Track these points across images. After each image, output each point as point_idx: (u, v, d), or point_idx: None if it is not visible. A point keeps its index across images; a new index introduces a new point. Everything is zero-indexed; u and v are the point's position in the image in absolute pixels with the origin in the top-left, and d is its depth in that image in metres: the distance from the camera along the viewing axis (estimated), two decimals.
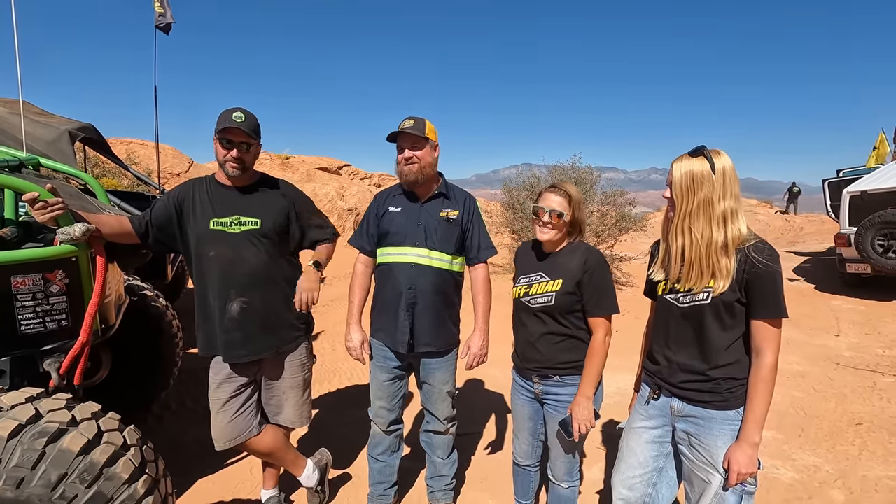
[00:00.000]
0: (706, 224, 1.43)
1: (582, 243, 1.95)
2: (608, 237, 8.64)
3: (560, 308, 1.85)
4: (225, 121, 1.96)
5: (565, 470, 1.98)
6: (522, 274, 1.98)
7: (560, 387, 1.91)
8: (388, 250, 2.21)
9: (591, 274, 1.82)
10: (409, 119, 2.12)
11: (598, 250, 1.96)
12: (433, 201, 2.20)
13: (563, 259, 1.90)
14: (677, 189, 1.46)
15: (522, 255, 2.07)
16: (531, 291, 1.91)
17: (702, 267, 1.44)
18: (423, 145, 2.11)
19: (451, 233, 2.17)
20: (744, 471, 1.39)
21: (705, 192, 1.42)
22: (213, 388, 2.13)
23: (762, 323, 1.41)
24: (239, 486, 2.70)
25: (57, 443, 1.41)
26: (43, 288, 1.78)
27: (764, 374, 1.40)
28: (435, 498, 2.46)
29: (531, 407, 2.04)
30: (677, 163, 1.48)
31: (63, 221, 1.75)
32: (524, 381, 2.03)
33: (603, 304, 1.83)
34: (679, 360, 1.55)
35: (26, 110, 3.85)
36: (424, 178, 2.14)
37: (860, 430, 3.38)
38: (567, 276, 1.84)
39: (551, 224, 1.84)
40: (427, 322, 2.15)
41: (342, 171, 15.80)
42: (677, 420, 1.57)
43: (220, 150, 2.00)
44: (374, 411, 2.35)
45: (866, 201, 7.35)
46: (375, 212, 2.26)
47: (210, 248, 2.03)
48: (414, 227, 2.16)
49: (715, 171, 1.41)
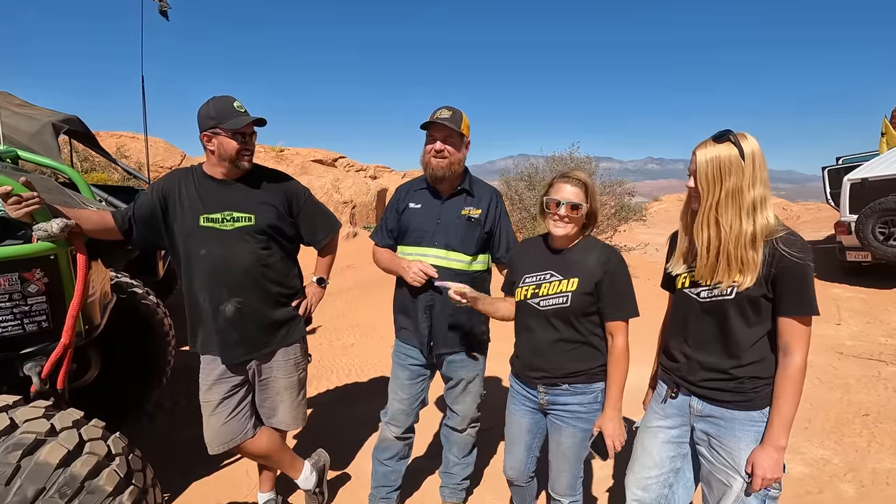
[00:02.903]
0: (735, 215, 1.33)
1: (596, 240, 1.81)
2: (607, 227, 8.58)
3: (576, 310, 1.69)
4: (232, 113, 1.86)
5: (567, 485, 1.84)
6: (527, 273, 1.79)
7: (569, 395, 1.75)
8: (406, 249, 2.13)
9: (612, 275, 1.67)
10: (445, 109, 2.00)
11: (616, 249, 1.83)
12: (455, 198, 2.11)
13: (578, 256, 1.73)
14: (702, 178, 1.36)
15: (524, 252, 1.89)
16: (541, 292, 1.73)
17: (729, 261, 1.34)
18: (457, 140, 2.01)
19: (472, 232, 2.07)
20: (769, 476, 1.32)
21: (734, 179, 1.31)
22: (204, 389, 2.04)
23: (791, 320, 1.32)
24: (235, 489, 2.62)
25: (33, 455, 1.31)
26: (20, 288, 1.68)
27: (792, 373, 1.31)
28: (443, 494, 2.42)
29: (531, 418, 1.87)
30: (701, 150, 1.37)
31: (40, 217, 1.65)
32: (527, 391, 1.85)
33: (624, 307, 1.69)
34: (699, 357, 1.46)
35: (7, 102, 3.71)
36: (452, 174, 2.04)
37: (867, 421, 3.33)
38: (584, 275, 1.68)
39: (568, 217, 1.67)
40: (446, 324, 2.08)
41: (337, 163, 15.63)
42: (696, 420, 1.49)
43: (231, 144, 1.88)
44: (389, 414, 2.24)
45: (867, 189, 7.30)
46: (396, 207, 2.18)
47: (200, 247, 1.92)
48: (433, 225, 2.07)
49: (744, 157, 1.31)
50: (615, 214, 8.65)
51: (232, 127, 1.85)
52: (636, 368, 1.79)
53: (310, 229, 2.18)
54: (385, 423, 2.27)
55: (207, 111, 1.88)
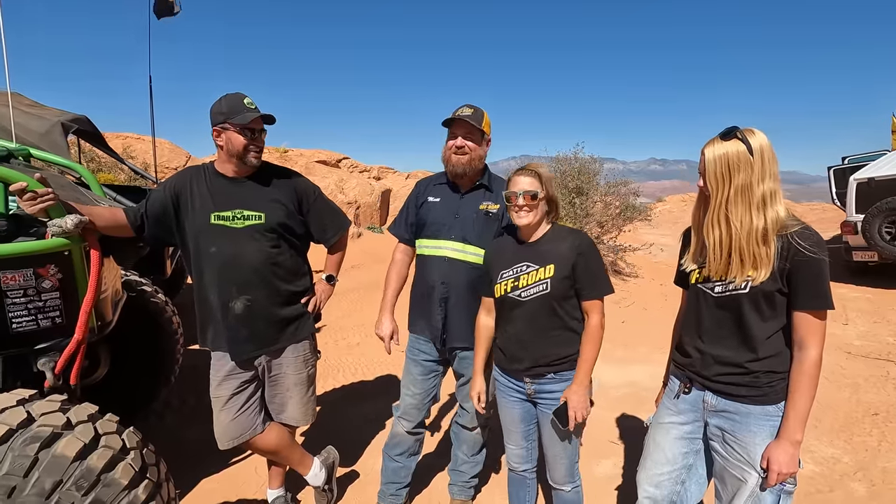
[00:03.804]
0: (745, 211, 1.32)
1: (563, 227, 1.87)
2: (612, 227, 8.55)
3: (556, 295, 1.75)
4: (242, 109, 1.88)
5: (565, 472, 1.88)
6: (502, 269, 1.84)
7: (555, 384, 1.80)
8: (424, 242, 2.17)
9: (586, 257, 1.75)
10: (467, 107, 2.06)
11: (584, 232, 1.88)
12: (473, 193, 2.14)
13: (549, 245, 1.80)
14: (711, 176, 1.36)
15: (496, 251, 1.93)
16: (521, 283, 1.79)
17: (742, 257, 1.34)
18: (478, 136, 2.05)
19: (489, 227, 2.09)
20: (784, 470, 1.31)
21: (743, 176, 1.31)
22: (214, 385, 2.05)
23: (806, 315, 1.32)
24: (244, 486, 2.63)
25: (51, 448, 1.32)
26: (34, 284, 1.68)
27: (807, 368, 1.31)
28: (452, 491, 2.44)
29: (521, 408, 1.92)
30: (709, 147, 1.37)
31: (54, 213, 1.66)
32: (513, 382, 1.90)
33: (598, 285, 1.77)
34: (714, 351, 1.46)
35: (17, 102, 3.74)
36: (472, 170, 2.08)
37: (877, 421, 3.32)
38: (559, 261, 1.75)
39: (528, 206, 1.75)
40: (459, 318, 2.09)
41: (341, 164, 15.64)
42: (710, 415, 1.48)
43: (239, 139, 1.89)
44: (401, 409, 2.26)
45: (873, 188, 7.27)
46: (415, 200, 2.23)
47: (211, 244, 1.94)
48: (451, 219, 2.10)
49: (753, 153, 1.31)
50: (620, 214, 8.62)
51: (240, 122, 1.87)
52: (638, 367, 1.79)
53: (319, 227, 2.19)
54: (397, 418, 2.28)
55: (219, 107, 1.90)
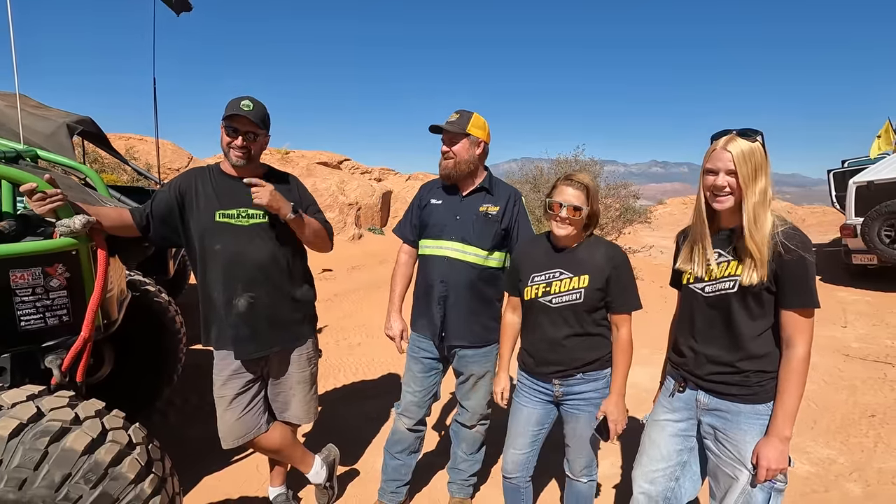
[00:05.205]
0: (764, 211, 1.35)
1: (600, 238, 1.90)
2: (612, 230, 8.59)
3: (588, 306, 1.77)
4: (233, 108, 1.91)
5: (585, 464, 1.93)
6: (534, 272, 1.85)
7: (583, 384, 1.84)
8: (426, 242, 2.22)
9: (619, 271, 1.77)
10: (455, 113, 2.12)
11: (619, 246, 1.93)
12: (474, 195, 2.19)
13: (585, 254, 1.81)
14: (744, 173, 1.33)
15: (527, 251, 1.94)
16: (552, 290, 1.80)
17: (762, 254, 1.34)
18: (461, 140, 2.10)
19: (489, 228, 2.14)
20: (773, 466, 1.34)
21: (765, 175, 1.34)
22: (218, 385, 2.07)
23: (793, 313, 1.35)
24: (246, 484, 2.66)
25: (60, 442, 1.35)
26: (43, 282, 1.72)
27: (795, 366, 1.34)
28: (451, 489, 2.47)
29: (543, 409, 1.94)
30: (733, 143, 1.35)
31: (62, 213, 1.69)
32: (540, 385, 1.91)
33: (629, 300, 1.80)
34: (706, 351, 1.49)
35: (24, 103, 3.78)
36: (459, 173, 2.13)
37: (874, 422, 3.34)
38: (594, 272, 1.76)
39: (570, 220, 1.74)
40: (458, 316, 2.14)
41: (342, 165, 15.68)
42: (703, 413, 1.52)
43: (224, 137, 1.94)
44: (402, 406, 2.31)
45: (873, 191, 7.28)
46: (419, 202, 2.29)
47: (216, 242, 1.97)
48: (451, 220, 2.16)
49: (766, 154, 1.35)
50: (620, 217, 8.66)
51: (224, 117, 1.92)
52: (639, 369, 1.84)
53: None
54: (398, 415, 2.31)
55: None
